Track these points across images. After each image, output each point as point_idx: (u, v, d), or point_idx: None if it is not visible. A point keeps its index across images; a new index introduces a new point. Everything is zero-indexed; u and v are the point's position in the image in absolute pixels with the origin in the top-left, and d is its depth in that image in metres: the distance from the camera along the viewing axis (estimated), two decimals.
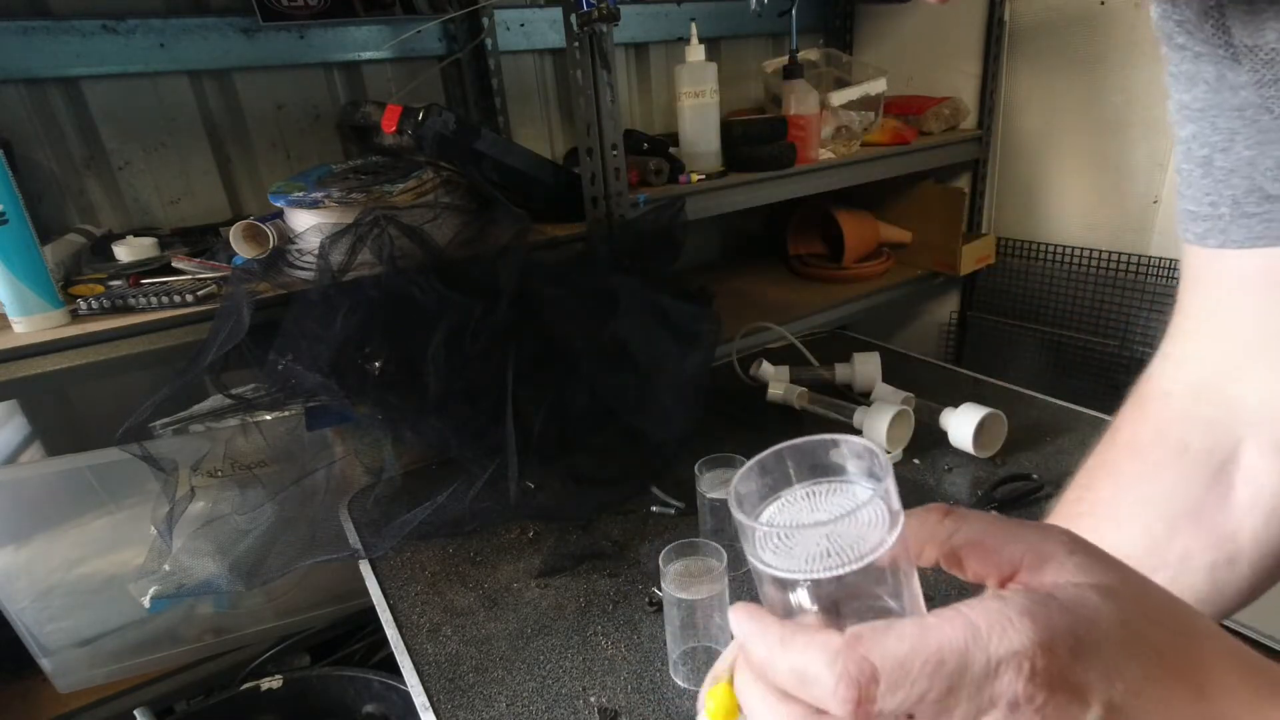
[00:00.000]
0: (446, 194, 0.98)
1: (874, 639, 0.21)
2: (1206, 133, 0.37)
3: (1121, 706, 0.20)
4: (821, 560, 0.23)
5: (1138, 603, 0.22)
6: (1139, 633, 0.21)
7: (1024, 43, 1.47)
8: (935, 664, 0.20)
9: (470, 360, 0.85)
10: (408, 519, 0.81)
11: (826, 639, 0.21)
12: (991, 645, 0.20)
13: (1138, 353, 1.43)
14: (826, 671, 0.20)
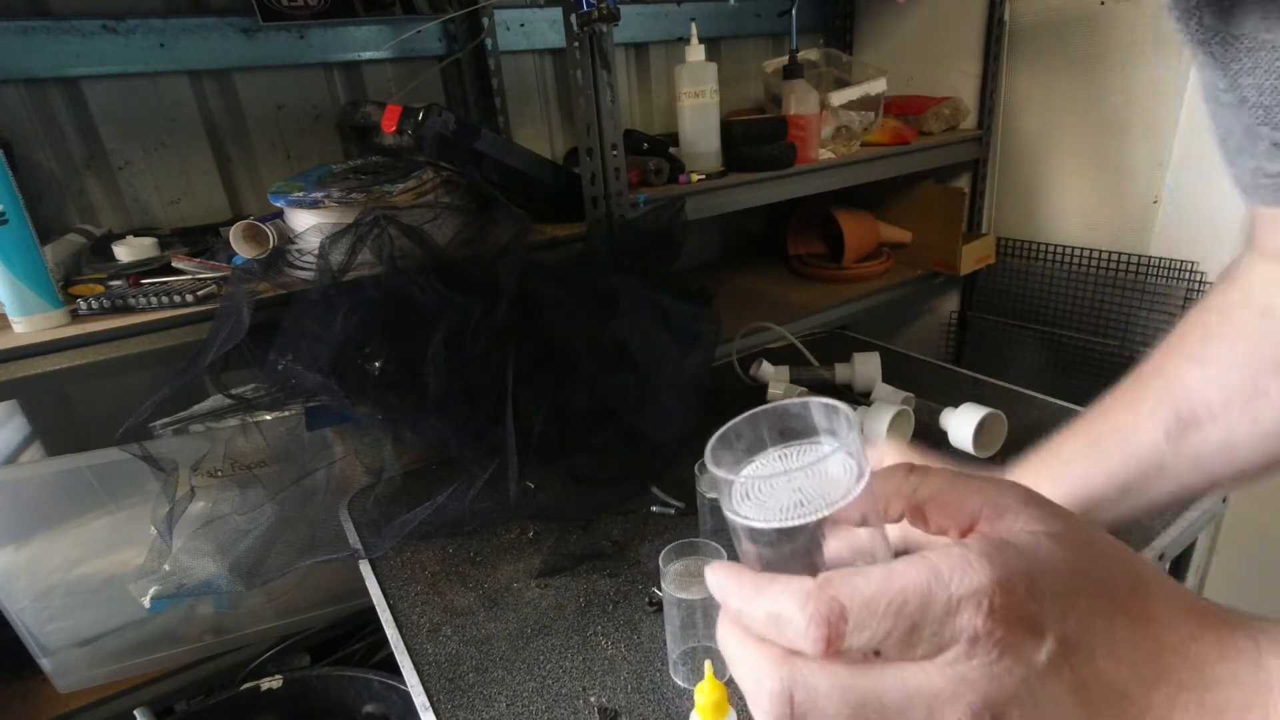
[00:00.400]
0: (446, 194, 0.98)
1: (843, 581, 0.22)
2: (1215, 122, 0.40)
3: (1074, 638, 0.21)
4: (794, 510, 0.24)
5: (1086, 547, 0.23)
6: (1087, 573, 0.22)
7: (1024, 43, 1.47)
8: (900, 602, 0.21)
9: (470, 360, 0.85)
10: (408, 519, 0.81)
11: (799, 583, 0.22)
12: (953, 585, 0.21)
13: (1138, 353, 1.42)
14: (798, 613, 0.22)
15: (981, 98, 1.54)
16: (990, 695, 0.21)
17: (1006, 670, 0.21)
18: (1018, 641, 0.21)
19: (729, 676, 0.60)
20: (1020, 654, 0.21)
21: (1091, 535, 0.24)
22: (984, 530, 0.25)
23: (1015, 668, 0.21)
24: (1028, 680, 0.21)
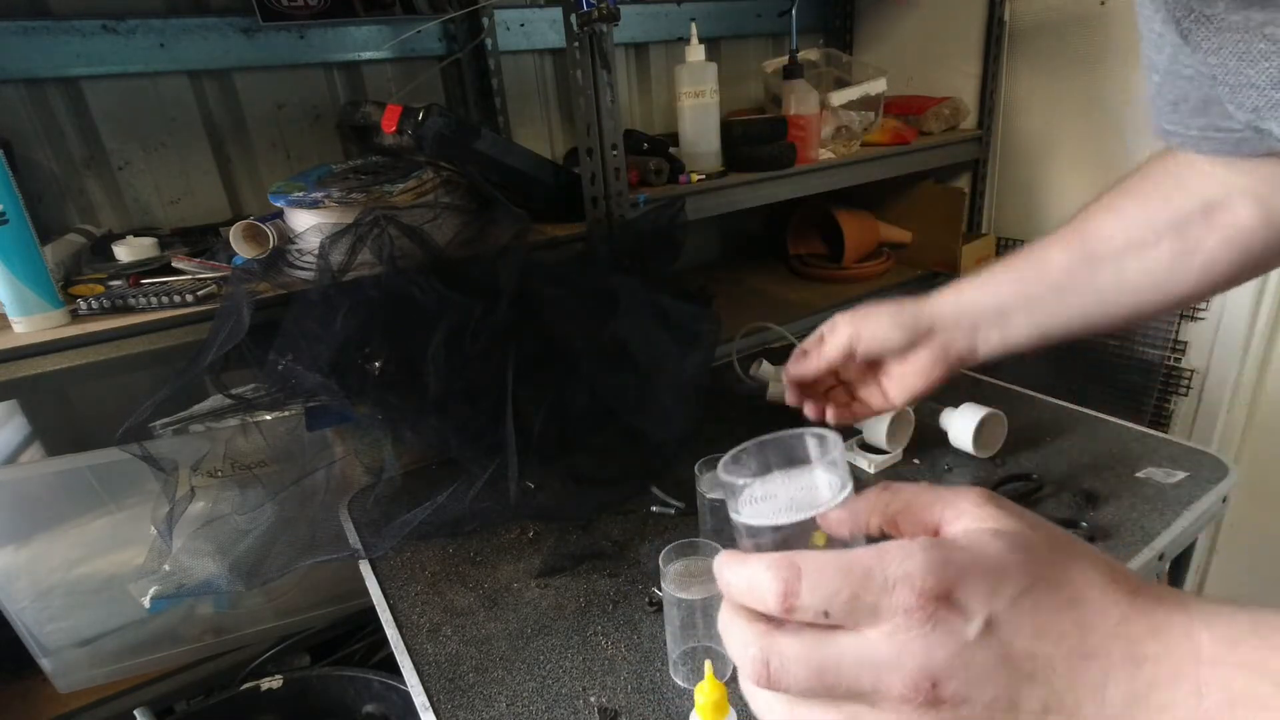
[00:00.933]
0: (446, 194, 0.98)
1: (805, 555, 0.27)
2: (1168, 88, 0.46)
3: (1001, 617, 0.25)
4: (785, 513, 0.30)
5: (1022, 537, 0.27)
6: (1021, 563, 0.26)
7: (1024, 43, 1.47)
8: (845, 571, 0.25)
9: (470, 360, 0.85)
10: (408, 519, 0.81)
11: (772, 556, 0.27)
12: (891, 566, 0.25)
13: (1138, 353, 1.43)
14: (765, 574, 0.26)
15: (981, 98, 1.54)
16: (926, 663, 0.24)
17: (939, 642, 0.24)
18: (948, 617, 0.24)
19: (729, 676, 0.60)
20: (951, 628, 0.24)
21: (1031, 533, 0.27)
22: (943, 532, 0.29)
23: (947, 640, 0.24)
24: (959, 652, 0.24)
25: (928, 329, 0.63)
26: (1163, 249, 0.52)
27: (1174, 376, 1.40)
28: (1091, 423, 0.96)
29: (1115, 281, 0.55)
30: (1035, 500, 0.81)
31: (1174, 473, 0.83)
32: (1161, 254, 0.53)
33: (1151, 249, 0.53)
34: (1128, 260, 0.54)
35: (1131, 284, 0.54)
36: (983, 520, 0.28)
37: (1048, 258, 0.58)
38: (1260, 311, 1.31)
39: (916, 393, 0.67)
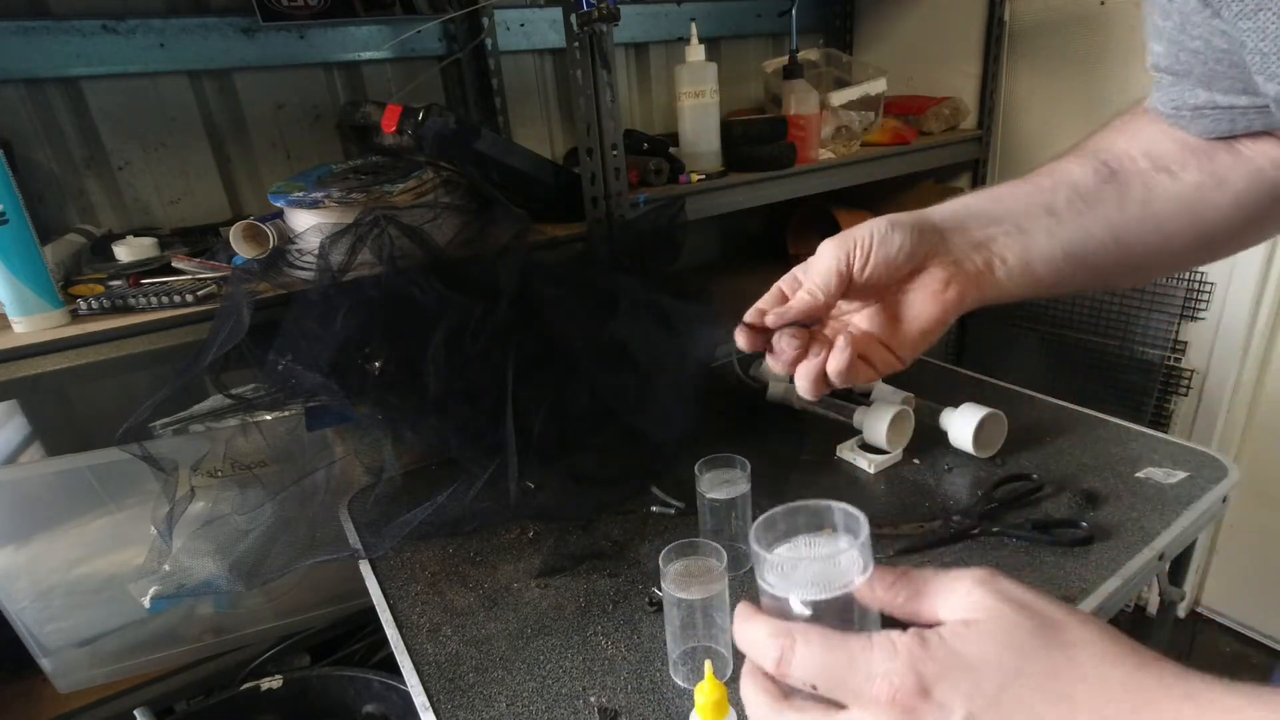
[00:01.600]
0: (446, 194, 0.98)
1: (803, 629, 0.30)
2: (1171, 58, 0.44)
3: (978, 713, 0.26)
4: (808, 587, 0.32)
5: (1008, 630, 0.28)
6: (1002, 658, 0.27)
7: (1024, 43, 1.47)
8: (834, 655, 0.28)
9: (470, 360, 0.85)
10: (408, 519, 0.81)
11: (778, 622, 0.30)
12: (874, 661, 0.27)
13: (1138, 353, 1.43)
14: (766, 641, 0.30)
15: (981, 98, 1.54)
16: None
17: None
18: (925, 713, 0.26)
19: (729, 676, 0.60)
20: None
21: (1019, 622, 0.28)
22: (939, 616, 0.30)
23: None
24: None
25: (936, 236, 0.48)
26: (1189, 176, 0.46)
27: (1174, 376, 1.40)
28: (1091, 423, 0.96)
29: (1145, 198, 0.47)
30: (1035, 500, 0.81)
31: (1174, 473, 0.83)
32: (1188, 180, 0.46)
33: (1179, 173, 0.46)
34: (1156, 179, 0.47)
35: (1162, 205, 0.47)
36: (973, 609, 0.29)
37: (1066, 170, 0.49)
38: (1260, 311, 1.31)
39: (931, 329, 0.49)
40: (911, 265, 0.47)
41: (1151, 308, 1.39)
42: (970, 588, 0.30)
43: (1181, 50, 0.42)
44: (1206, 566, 1.54)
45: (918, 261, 0.47)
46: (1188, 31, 0.40)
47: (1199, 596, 1.56)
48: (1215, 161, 0.46)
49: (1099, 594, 0.66)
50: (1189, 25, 0.40)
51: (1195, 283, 1.34)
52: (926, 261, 0.48)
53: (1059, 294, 0.49)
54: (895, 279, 0.48)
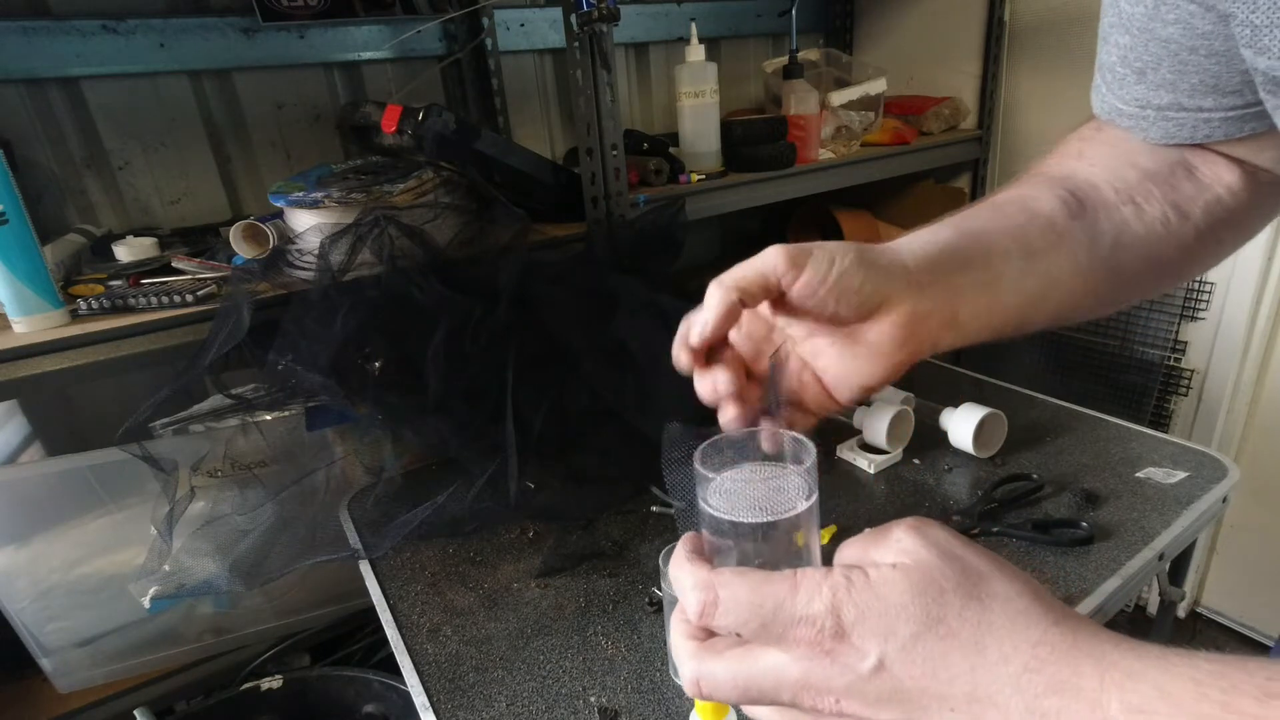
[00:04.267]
0: (446, 194, 0.98)
1: (727, 578, 0.30)
2: (1140, 50, 0.41)
3: (890, 658, 0.27)
4: (749, 512, 0.32)
5: (930, 576, 0.28)
6: (919, 604, 0.27)
7: (1024, 43, 1.47)
8: (757, 605, 0.28)
9: (470, 360, 0.85)
10: (408, 519, 0.81)
11: (700, 571, 0.30)
12: (799, 604, 0.28)
13: (1138, 353, 1.43)
14: (691, 592, 0.30)
15: (981, 98, 1.54)
16: (829, 686, 0.28)
17: (838, 672, 0.27)
18: (844, 653, 0.27)
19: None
20: (847, 663, 0.27)
21: (943, 569, 0.28)
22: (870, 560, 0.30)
23: (845, 671, 0.27)
24: (855, 682, 0.27)
25: (902, 283, 0.40)
26: (1153, 209, 0.44)
27: (1174, 376, 1.40)
28: (1091, 423, 0.96)
29: (1114, 237, 0.44)
30: (1035, 500, 0.81)
31: (1174, 473, 0.83)
32: (1153, 214, 0.44)
33: (1144, 206, 0.44)
34: (1123, 213, 0.44)
35: (1130, 241, 0.44)
36: (902, 553, 0.29)
37: (1036, 201, 0.44)
38: (1260, 311, 1.31)
39: (873, 386, 0.42)
40: (866, 310, 0.40)
41: (1151, 308, 1.39)
42: (901, 534, 0.30)
43: (1152, 40, 0.40)
44: (1206, 566, 1.54)
45: (872, 308, 0.40)
46: (1161, 16, 0.38)
47: (1199, 596, 1.56)
48: (1178, 192, 0.45)
49: (1099, 594, 0.66)
50: (1164, 7, 0.38)
51: (1195, 283, 1.34)
52: (882, 310, 0.40)
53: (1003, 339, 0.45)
54: (843, 317, 0.40)
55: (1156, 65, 0.41)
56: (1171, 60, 0.40)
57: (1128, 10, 0.41)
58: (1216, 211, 0.45)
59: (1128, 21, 0.41)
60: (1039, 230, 0.43)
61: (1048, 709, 0.25)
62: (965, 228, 0.45)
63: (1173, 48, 0.39)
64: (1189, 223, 0.44)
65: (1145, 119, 0.44)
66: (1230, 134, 0.42)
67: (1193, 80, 0.40)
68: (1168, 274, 0.47)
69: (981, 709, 0.26)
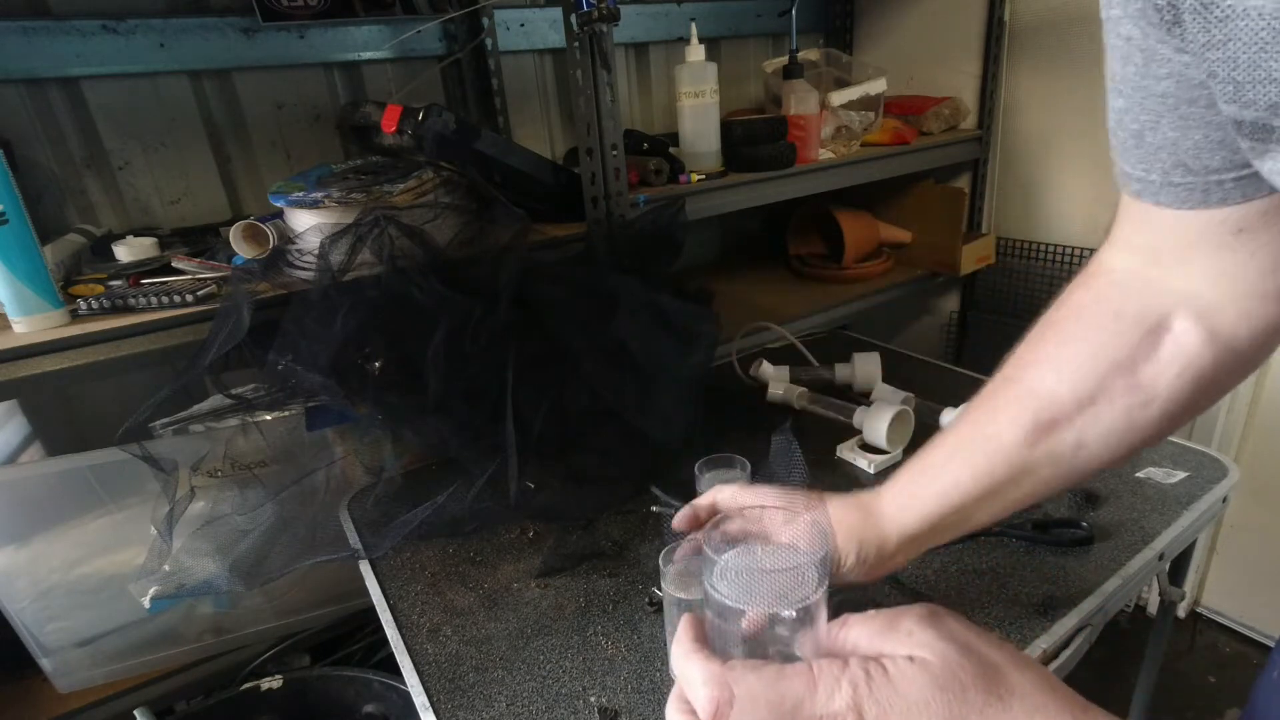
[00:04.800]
0: (446, 194, 0.98)
1: (742, 674, 0.29)
2: (1136, 110, 0.40)
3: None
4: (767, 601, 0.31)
5: (953, 677, 0.28)
6: (943, 702, 0.27)
7: (1024, 43, 1.47)
8: (776, 703, 0.28)
9: (470, 360, 0.85)
10: (408, 519, 0.81)
11: (712, 665, 0.30)
12: (819, 702, 0.27)
13: None
14: (702, 688, 0.29)
15: (981, 98, 1.54)
16: None
17: None
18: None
19: None
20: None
21: (961, 663, 0.28)
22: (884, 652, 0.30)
23: None
24: None
25: (879, 564, 0.50)
26: (1118, 406, 0.46)
27: None
28: None
29: (1074, 450, 0.47)
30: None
31: (1174, 473, 0.83)
32: (1117, 411, 0.46)
33: (1106, 407, 0.46)
34: (1085, 425, 0.46)
35: (1091, 450, 0.47)
36: (918, 645, 0.29)
37: (999, 436, 0.48)
38: None
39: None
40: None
41: None
42: (914, 625, 0.30)
43: (1148, 97, 0.39)
44: (1206, 566, 1.54)
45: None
46: (1153, 72, 0.38)
47: (1199, 596, 1.56)
48: (1138, 376, 0.45)
49: (1099, 594, 0.66)
50: (1154, 63, 0.37)
51: None
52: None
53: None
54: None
55: (1155, 124, 0.40)
56: (1171, 115, 0.39)
57: (1119, 72, 0.40)
58: (1187, 377, 0.45)
59: (1120, 84, 0.40)
60: (1003, 470, 0.48)
61: None
62: (944, 486, 0.49)
63: (1170, 102, 0.38)
64: (1153, 406, 0.45)
65: (1151, 184, 0.43)
66: (1247, 194, 0.40)
67: (1196, 136, 0.39)
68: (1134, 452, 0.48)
69: None
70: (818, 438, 0.96)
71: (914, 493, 0.50)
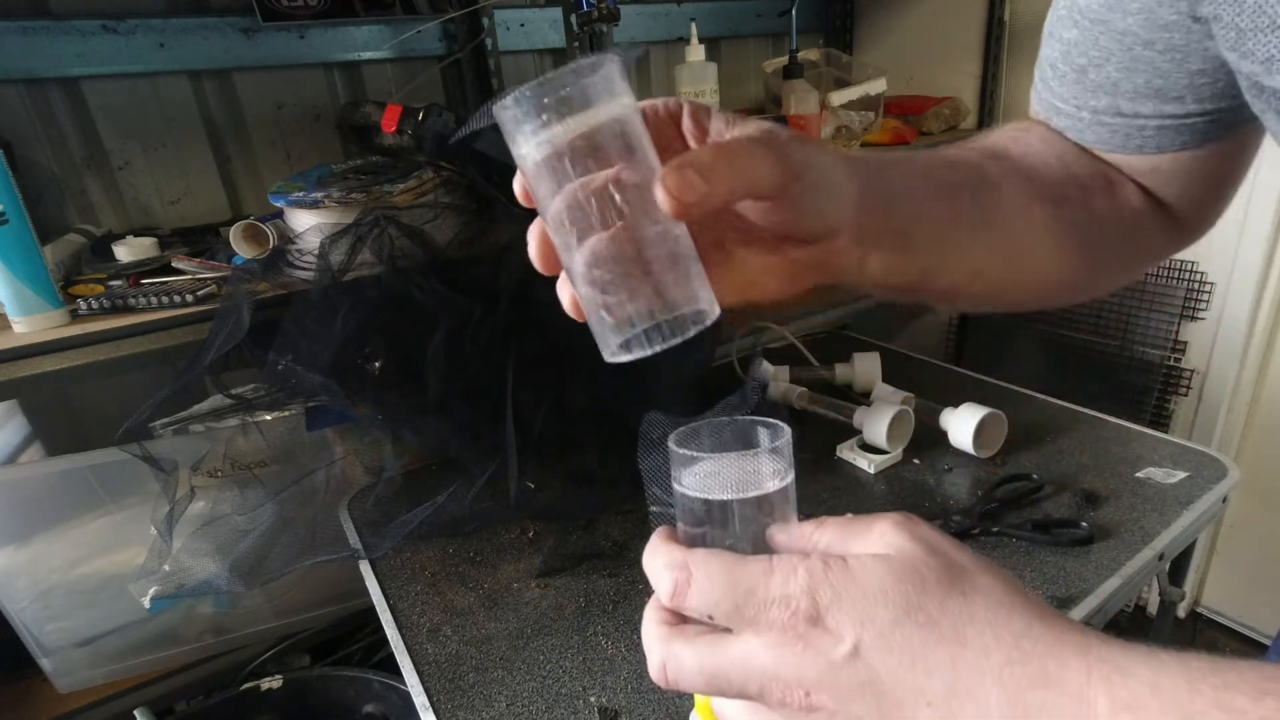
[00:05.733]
0: (446, 194, 0.98)
1: (703, 558, 0.29)
2: (1087, 45, 0.41)
3: (866, 644, 0.26)
4: (720, 490, 0.31)
5: (912, 566, 0.27)
6: (899, 591, 0.26)
7: (1024, 43, 1.47)
8: (732, 584, 0.27)
9: (470, 360, 0.85)
10: (408, 519, 0.81)
11: (675, 551, 0.30)
12: (774, 584, 0.27)
13: (1138, 353, 1.42)
14: (665, 571, 0.30)
15: (981, 98, 1.54)
16: (800, 677, 0.26)
17: (810, 660, 0.26)
18: (818, 638, 0.26)
19: None
20: (820, 648, 0.26)
21: (927, 560, 0.27)
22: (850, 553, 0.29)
23: (817, 658, 0.26)
24: (828, 671, 0.26)
25: (851, 209, 0.34)
26: (1069, 213, 0.43)
27: (1174, 376, 1.40)
28: (1091, 423, 0.96)
29: (1050, 221, 0.42)
30: (1035, 500, 0.81)
31: (1174, 473, 0.83)
32: (1068, 217, 0.43)
33: (1060, 207, 0.43)
34: (1044, 208, 0.42)
35: (1042, 235, 0.42)
36: (885, 545, 0.28)
37: (982, 167, 0.42)
38: (1260, 311, 1.30)
39: (758, 301, 0.36)
40: (813, 237, 0.34)
41: (1151, 308, 1.39)
42: (886, 528, 0.29)
43: (1105, 33, 0.39)
44: (1206, 566, 1.54)
45: (819, 235, 0.33)
46: (1123, 6, 0.37)
47: (1199, 596, 1.56)
48: (1092, 204, 0.44)
49: (1099, 594, 0.66)
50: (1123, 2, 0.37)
51: (1195, 283, 1.34)
52: (824, 237, 0.34)
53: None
54: (790, 237, 0.34)
55: (1103, 61, 0.40)
56: (1123, 55, 0.39)
57: (1082, 3, 0.40)
58: (1121, 232, 0.45)
59: (1079, 15, 0.41)
60: (979, 183, 0.41)
61: (1031, 703, 0.24)
62: (903, 164, 0.39)
63: (1127, 41, 0.38)
64: (1098, 233, 0.44)
65: (1081, 120, 0.44)
66: (1161, 146, 0.42)
67: (1138, 81, 0.39)
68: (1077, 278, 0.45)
69: (960, 703, 0.25)
70: (818, 437, 0.96)
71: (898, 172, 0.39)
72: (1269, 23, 0.31)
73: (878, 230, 0.35)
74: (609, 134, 0.28)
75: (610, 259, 0.29)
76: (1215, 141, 0.42)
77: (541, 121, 0.28)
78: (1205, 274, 1.33)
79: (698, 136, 0.33)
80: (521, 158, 0.29)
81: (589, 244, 0.30)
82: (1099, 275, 0.47)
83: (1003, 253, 0.41)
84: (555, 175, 0.29)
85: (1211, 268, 1.33)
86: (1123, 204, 0.45)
